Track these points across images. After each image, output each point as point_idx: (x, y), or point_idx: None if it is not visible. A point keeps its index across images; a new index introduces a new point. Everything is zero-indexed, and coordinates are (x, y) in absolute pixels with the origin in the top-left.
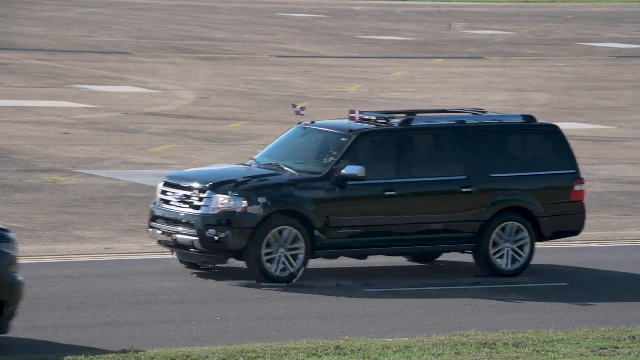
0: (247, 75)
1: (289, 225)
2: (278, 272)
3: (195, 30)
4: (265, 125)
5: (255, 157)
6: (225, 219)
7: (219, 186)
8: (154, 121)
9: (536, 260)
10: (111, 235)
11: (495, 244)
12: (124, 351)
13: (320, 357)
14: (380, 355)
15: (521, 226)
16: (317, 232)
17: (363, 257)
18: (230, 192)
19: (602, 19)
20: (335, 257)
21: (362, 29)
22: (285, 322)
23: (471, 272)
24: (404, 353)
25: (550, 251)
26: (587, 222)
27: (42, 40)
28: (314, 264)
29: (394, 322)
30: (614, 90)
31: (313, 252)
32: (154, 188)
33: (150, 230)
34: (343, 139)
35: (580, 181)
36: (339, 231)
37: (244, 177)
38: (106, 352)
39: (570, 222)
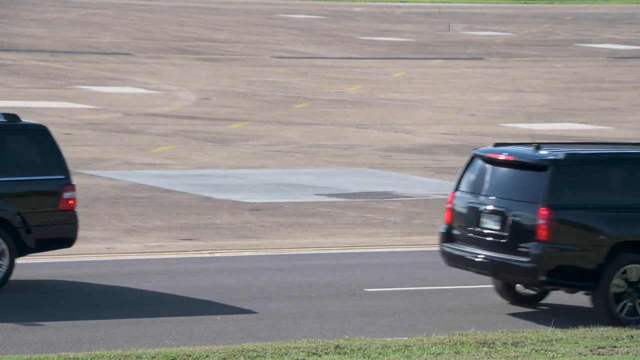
0: (248, 75)
1: None
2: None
3: (196, 31)
4: (265, 125)
5: None
6: None
7: None
8: (155, 122)
9: None
10: (112, 235)
11: None
12: (125, 350)
13: (320, 356)
14: (379, 355)
15: None
16: None
17: None
18: None
19: (601, 20)
20: None
21: (361, 30)
22: (286, 322)
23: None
24: (404, 352)
25: None
26: None
27: (43, 41)
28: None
29: (393, 321)
30: (612, 91)
31: None
32: (155, 188)
33: None
34: None
35: (70, 188)
36: None
37: None
38: (107, 351)
39: (59, 232)
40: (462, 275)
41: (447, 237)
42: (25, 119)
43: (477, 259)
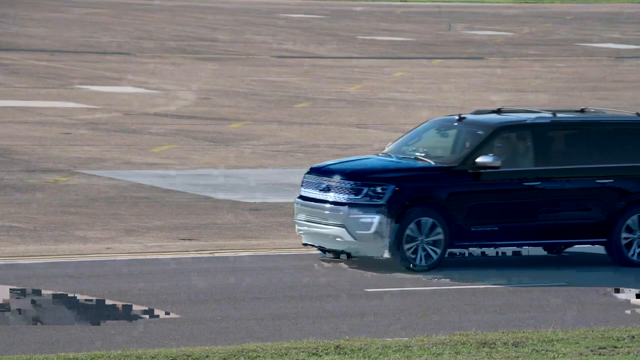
0: (248, 75)
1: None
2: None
3: (195, 31)
4: (265, 125)
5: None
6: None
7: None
8: (155, 121)
9: (535, 260)
10: (112, 235)
11: None
12: (125, 350)
13: (320, 356)
14: (380, 355)
15: None
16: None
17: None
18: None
19: (602, 19)
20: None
21: (362, 30)
22: (286, 322)
23: (472, 272)
24: (404, 352)
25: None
26: None
27: (43, 41)
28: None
29: (394, 321)
30: (613, 90)
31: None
32: (155, 188)
33: None
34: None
35: None
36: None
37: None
38: (107, 351)
39: None
40: (462, 275)
41: None
42: (26, 118)
43: None
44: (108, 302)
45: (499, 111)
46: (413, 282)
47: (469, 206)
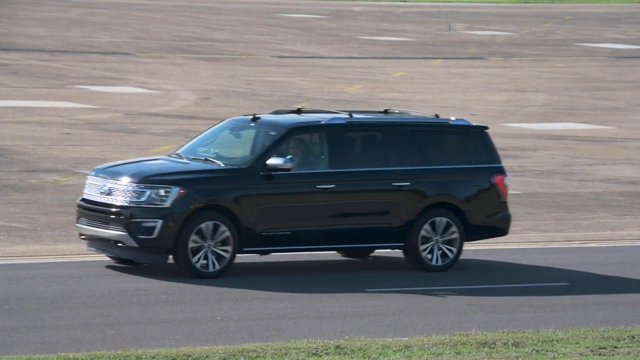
0: (248, 75)
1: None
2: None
3: (195, 31)
4: None
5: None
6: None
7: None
8: (155, 121)
9: (536, 260)
10: None
11: None
12: (125, 350)
13: (320, 356)
14: (380, 355)
15: None
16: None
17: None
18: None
19: (602, 19)
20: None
21: (362, 30)
22: (286, 322)
23: (472, 272)
24: (404, 352)
25: (550, 251)
26: (586, 222)
27: (43, 41)
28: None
29: (394, 321)
30: (613, 90)
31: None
32: None
33: None
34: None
35: None
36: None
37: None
38: (107, 351)
39: None
40: (462, 275)
41: None
42: (26, 118)
43: None
44: None
45: (299, 111)
46: (413, 282)
47: (259, 210)
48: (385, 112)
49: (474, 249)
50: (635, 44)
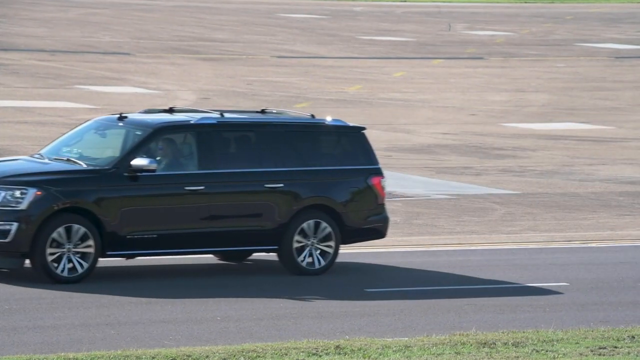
0: (248, 75)
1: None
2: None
3: (195, 31)
4: None
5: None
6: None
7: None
8: None
9: (536, 259)
10: None
11: None
12: (125, 350)
13: (320, 356)
14: (380, 355)
15: None
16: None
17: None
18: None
19: (602, 19)
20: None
21: (362, 30)
22: (286, 322)
23: (472, 272)
24: (404, 352)
25: (550, 251)
26: (586, 222)
27: (43, 41)
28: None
29: (394, 321)
30: (613, 90)
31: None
32: None
33: None
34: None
35: None
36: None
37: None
38: (107, 351)
39: None
40: (462, 275)
41: None
42: (26, 118)
43: None
44: None
45: (170, 110)
46: (413, 282)
47: (122, 212)
48: (263, 111)
49: (473, 249)
50: (635, 44)
